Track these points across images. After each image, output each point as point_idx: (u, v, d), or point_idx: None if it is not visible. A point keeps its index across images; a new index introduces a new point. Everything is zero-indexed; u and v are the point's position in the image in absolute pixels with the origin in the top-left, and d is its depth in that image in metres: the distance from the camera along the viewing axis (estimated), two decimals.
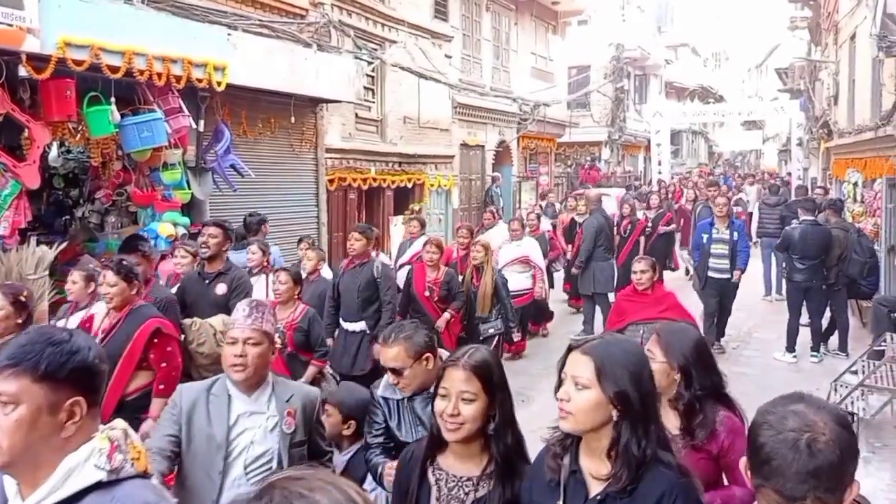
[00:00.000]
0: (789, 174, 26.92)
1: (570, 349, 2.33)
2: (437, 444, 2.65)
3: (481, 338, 7.61)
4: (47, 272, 6.83)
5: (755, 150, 51.45)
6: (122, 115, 7.13)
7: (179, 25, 7.72)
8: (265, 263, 7.15)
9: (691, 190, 19.87)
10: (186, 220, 8.19)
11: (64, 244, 7.34)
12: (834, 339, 9.66)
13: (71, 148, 8.39)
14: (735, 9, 57.33)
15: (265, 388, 3.18)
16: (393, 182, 13.71)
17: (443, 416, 2.54)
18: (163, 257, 7.93)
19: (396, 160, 13.94)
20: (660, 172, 26.11)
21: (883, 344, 7.73)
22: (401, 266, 9.14)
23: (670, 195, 19.07)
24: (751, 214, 19.27)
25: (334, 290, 7.05)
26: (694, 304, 9.02)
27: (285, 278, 5.95)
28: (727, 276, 9.48)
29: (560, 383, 2.30)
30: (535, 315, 10.53)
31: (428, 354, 3.27)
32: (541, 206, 15.79)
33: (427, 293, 7.42)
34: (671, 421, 2.94)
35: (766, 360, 9.56)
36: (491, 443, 2.61)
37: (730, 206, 9.09)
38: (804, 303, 9.49)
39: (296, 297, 6.01)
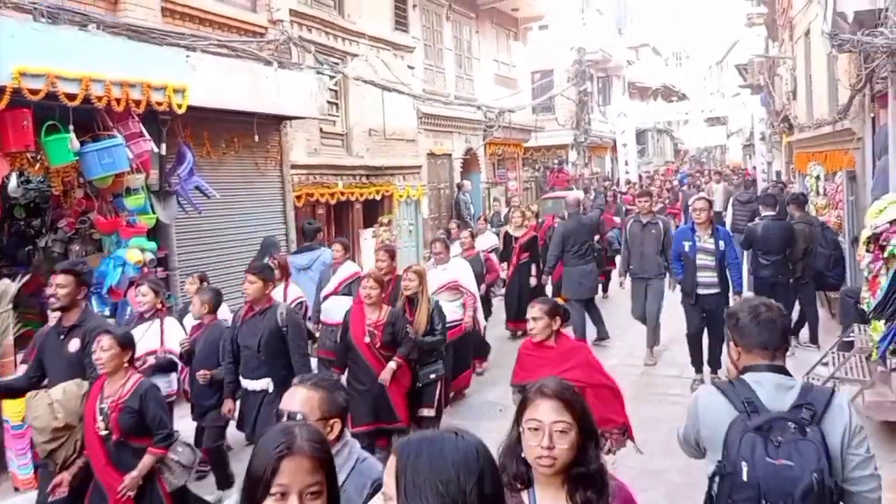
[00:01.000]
0: (754, 168, 27.22)
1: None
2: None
3: (419, 384, 6.45)
4: (11, 305, 6.74)
5: (720, 145, 52.05)
6: (82, 143, 7.07)
7: (136, 49, 7.65)
8: (159, 306, 6.48)
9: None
10: (153, 244, 8.12)
11: (27, 276, 7.25)
12: (805, 332, 9.77)
13: (31, 178, 8.27)
14: (693, 7, 57.97)
15: None
16: (361, 195, 13.67)
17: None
18: (131, 284, 7.85)
19: (364, 173, 13.90)
20: (627, 172, 26.30)
21: (851, 335, 7.83)
22: (324, 298, 8.29)
23: (619, 200, 18.89)
24: (718, 213, 19.46)
25: (232, 343, 6.02)
26: (680, 320, 9.01)
27: (108, 343, 4.54)
28: (715, 291, 8.27)
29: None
30: (476, 349, 9.18)
31: (337, 421, 2.78)
32: (485, 218, 14.77)
33: (367, 339, 6.20)
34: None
35: None
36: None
37: (709, 211, 8.35)
38: (772, 298, 9.57)
39: (125, 365, 4.64)
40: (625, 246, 9.74)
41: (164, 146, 8.36)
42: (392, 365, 6.17)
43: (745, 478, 2.66)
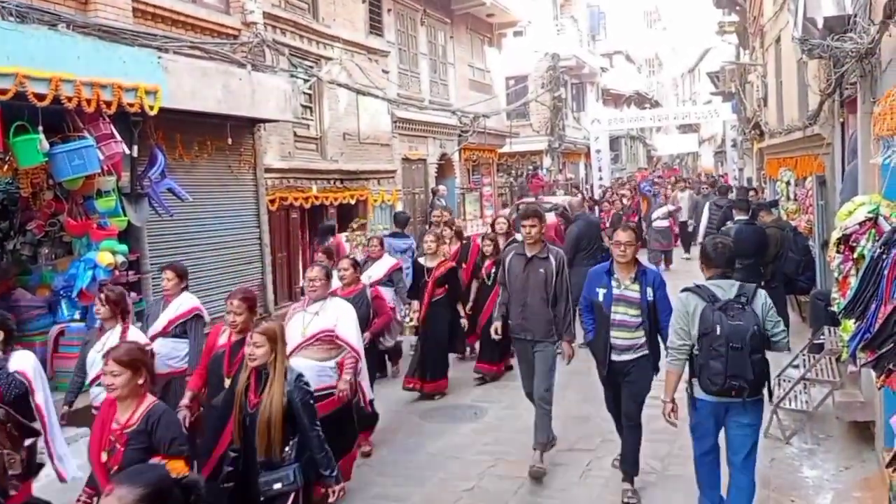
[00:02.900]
0: (725, 174, 27.53)
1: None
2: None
3: (262, 499, 4.37)
4: None
5: (692, 152, 52.60)
6: (52, 144, 6.96)
7: (107, 50, 7.55)
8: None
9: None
10: (124, 247, 8.01)
11: None
12: None
13: None
14: (665, 15, 58.52)
15: None
16: (336, 199, 13.62)
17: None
18: (101, 287, 7.75)
19: (338, 177, 13.85)
20: (601, 178, 26.46)
21: (822, 337, 7.93)
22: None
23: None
24: (683, 223, 19.37)
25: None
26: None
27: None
28: (639, 354, 5.79)
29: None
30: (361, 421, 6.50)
31: None
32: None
33: (104, 457, 4.08)
34: None
35: None
36: None
37: (636, 245, 5.83)
38: None
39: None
40: (503, 291, 6.71)
41: (135, 148, 8.25)
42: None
43: (718, 333, 4.67)
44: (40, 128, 6.78)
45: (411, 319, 9.40)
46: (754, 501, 4.94)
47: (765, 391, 4.92)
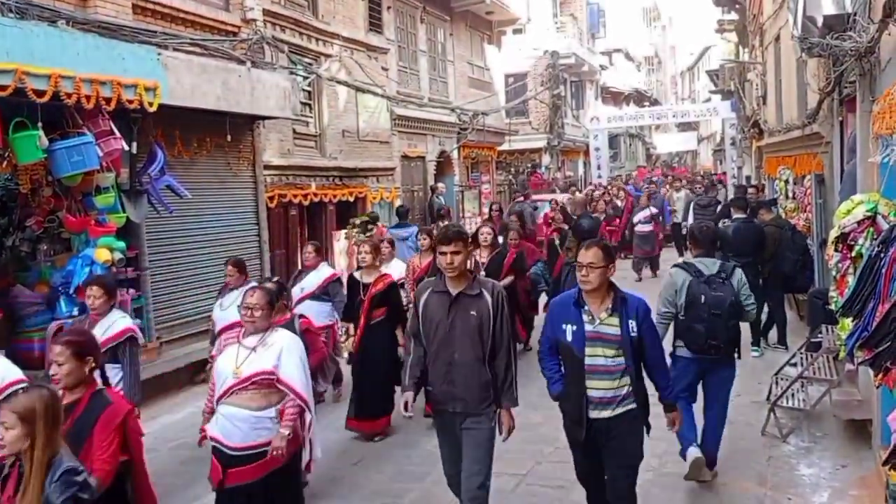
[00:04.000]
0: (724, 173, 27.51)
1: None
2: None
3: None
4: None
5: (691, 150, 52.65)
6: (51, 140, 6.96)
7: (107, 46, 7.55)
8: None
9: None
10: (122, 244, 8.03)
11: None
12: (773, 334, 9.88)
13: None
14: (665, 13, 58.53)
15: None
16: (335, 196, 13.63)
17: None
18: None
19: (337, 174, 13.86)
20: (599, 176, 26.47)
21: (819, 336, 7.93)
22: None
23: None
24: (677, 225, 18.34)
25: None
26: None
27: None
28: (624, 408, 4.45)
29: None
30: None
31: None
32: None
33: None
34: None
35: None
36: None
37: (607, 269, 4.39)
38: None
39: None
40: (415, 345, 4.72)
41: (134, 145, 8.26)
42: None
43: (702, 301, 5.58)
44: (39, 124, 6.78)
45: (347, 339, 7.83)
46: (752, 500, 4.92)
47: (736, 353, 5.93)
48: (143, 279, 8.82)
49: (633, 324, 4.41)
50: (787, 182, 12.59)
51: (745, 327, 9.63)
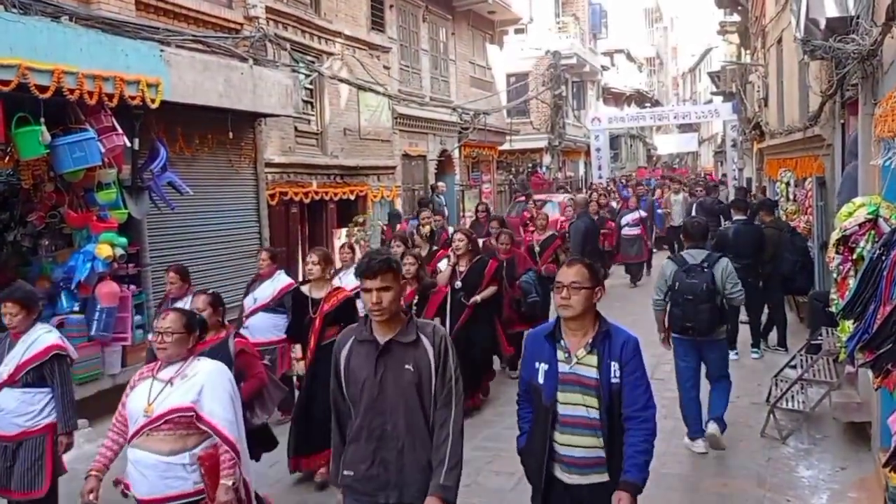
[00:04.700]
0: (724, 175, 27.52)
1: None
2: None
3: None
4: None
5: (692, 152, 52.67)
6: (53, 136, 6.97)
7: (110, 42, 7.55)
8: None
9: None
10: (124, 240, 8.02)
11: None
12: (773, 336, 9.89)
13: (0, 170, 8.15)
14: (667, 14, 58.54)
15: None
16: (335, 195, 13.64)
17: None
18: (101, 279, 7.76)
19: (338, 173, 13.87)
20: (600, 177, 26.48)
21: (819, 338, 7.94)
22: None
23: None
24: (674, 228, 17.16)
25: None
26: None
27: None
28: (594, 480, 3.50)
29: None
30: None
31: None
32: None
33: None
34: None
35: None
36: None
37: (594, 292, 3.48)
38: None
39: None
40: (333, 414, 3.58)
41: (136, 141, 8.27)
42: None
43: (677, 288, 6.32)
44: (42, 119, 6.80)
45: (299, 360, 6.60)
46: (751, 501, 4.94)
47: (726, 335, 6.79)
48: (145, 276, 8.82)
49: (615, 366, 3.40)
50: (787, 184, 12.59)
51: (744, 328, 9.75)
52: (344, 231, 13.65)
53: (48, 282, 7.92)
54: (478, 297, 7.63)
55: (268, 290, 7.32)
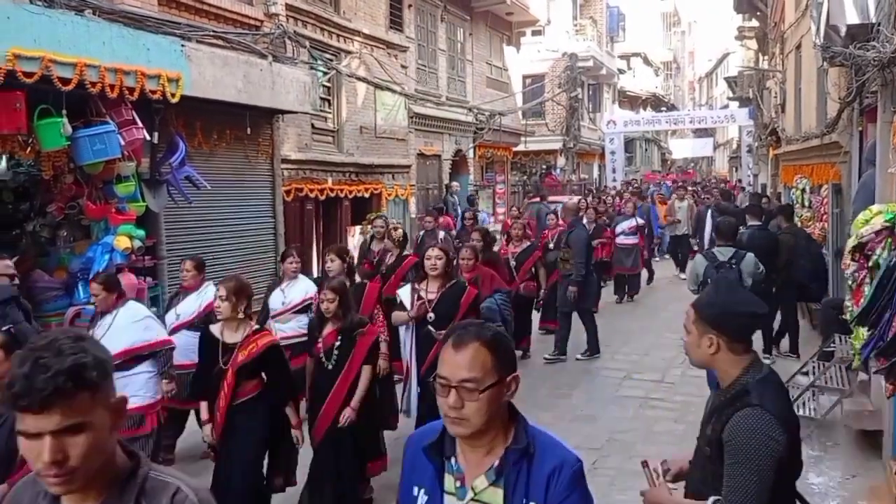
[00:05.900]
0: (739, 181, 27.43)
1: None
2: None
3: None
4: None
5: (707, 157, 52.49)
6: (74, 128, 7.02)
7: (132, 37, 7.62)
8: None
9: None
10: (142, 232, 8.09)
11: (14, 259, 7.20)
12: (785, 342, 9.86)
13: (21, 161, 8.22)
14: (685, 18, 58.34)
15: None
16: (350, 192, 13.69)
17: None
18: (118, 270, 7.83)
19: (353, 170, 13.93)
20: (614, 180, 26.45)
21: (832, 345, 7.92)
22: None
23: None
24: (684, 237, 16.69)
25: None
26: (663, 320, 8.96)
27: None
28: None
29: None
30: None
31: None
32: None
33: None
34: None
35: None
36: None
37: (502, 387, 2.00)
38: None
39: None
40: None
41: (156, 135, 8.33)
42: None
43: (708, 282, 6.53)
44: (64, 112, 6.85)
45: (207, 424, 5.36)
46: None
47: None
48: (161, 268, 8.90)
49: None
50: (803, 191, 12.57)
51: (757, 335, 9.71)
52: (358, 228, 13.70)
53: (66, 272, 7.99)
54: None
55: (193, 305, 6.29)
